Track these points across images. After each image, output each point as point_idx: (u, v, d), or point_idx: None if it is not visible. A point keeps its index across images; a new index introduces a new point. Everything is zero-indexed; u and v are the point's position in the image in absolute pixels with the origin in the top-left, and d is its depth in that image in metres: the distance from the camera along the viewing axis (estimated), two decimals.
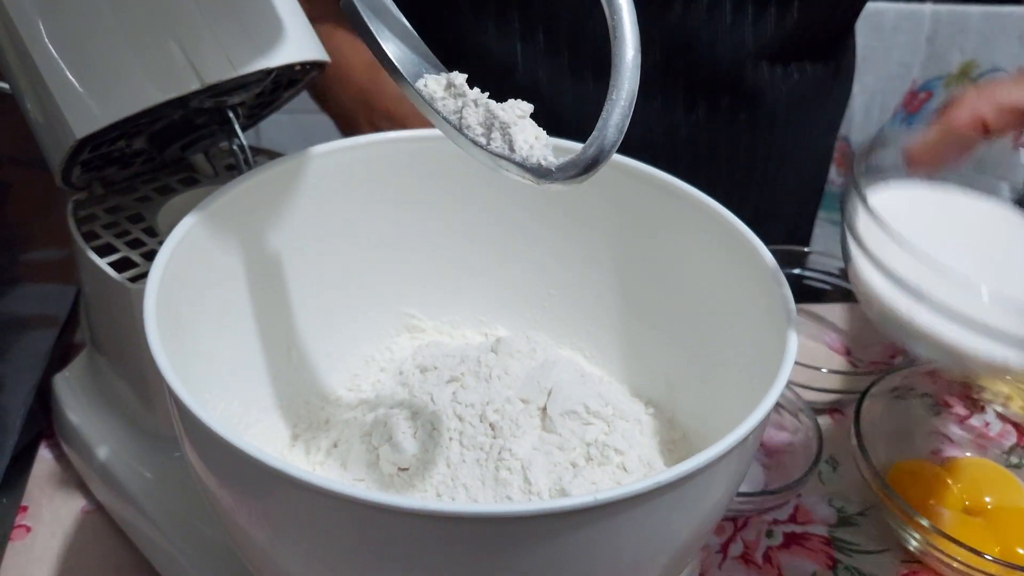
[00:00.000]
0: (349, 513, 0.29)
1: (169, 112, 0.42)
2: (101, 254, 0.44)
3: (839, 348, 0.64)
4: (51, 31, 0.40)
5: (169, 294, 0.35)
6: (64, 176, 0.43)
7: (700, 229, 0.42)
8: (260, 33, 0.42)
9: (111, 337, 0.47)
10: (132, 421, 0.48)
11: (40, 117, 0.42)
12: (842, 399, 0.58)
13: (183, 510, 0.45)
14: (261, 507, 0.31)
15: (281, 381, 0.44)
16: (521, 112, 0.32)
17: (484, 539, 0.29)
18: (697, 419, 0.43)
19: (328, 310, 0.46)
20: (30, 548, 0.47)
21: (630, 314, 0.47)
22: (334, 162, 0.44)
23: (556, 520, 0.28)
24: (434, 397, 0.42)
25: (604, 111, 0.30)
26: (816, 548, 0.50)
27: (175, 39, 0.40)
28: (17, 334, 0.56)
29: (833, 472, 0.54)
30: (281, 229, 0.43)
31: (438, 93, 0.33)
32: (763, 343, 0.37)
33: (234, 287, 0.42)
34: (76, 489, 0.50)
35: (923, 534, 0.47)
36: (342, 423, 0.44)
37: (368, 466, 0.40)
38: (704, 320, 0.43)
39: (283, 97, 0.49)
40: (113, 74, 0.39)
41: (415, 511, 0.27)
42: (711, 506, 0.33)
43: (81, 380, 0.51)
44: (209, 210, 0.39)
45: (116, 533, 0.48)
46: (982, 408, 0.58)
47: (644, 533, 0.31)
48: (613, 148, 0.30)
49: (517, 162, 0.31)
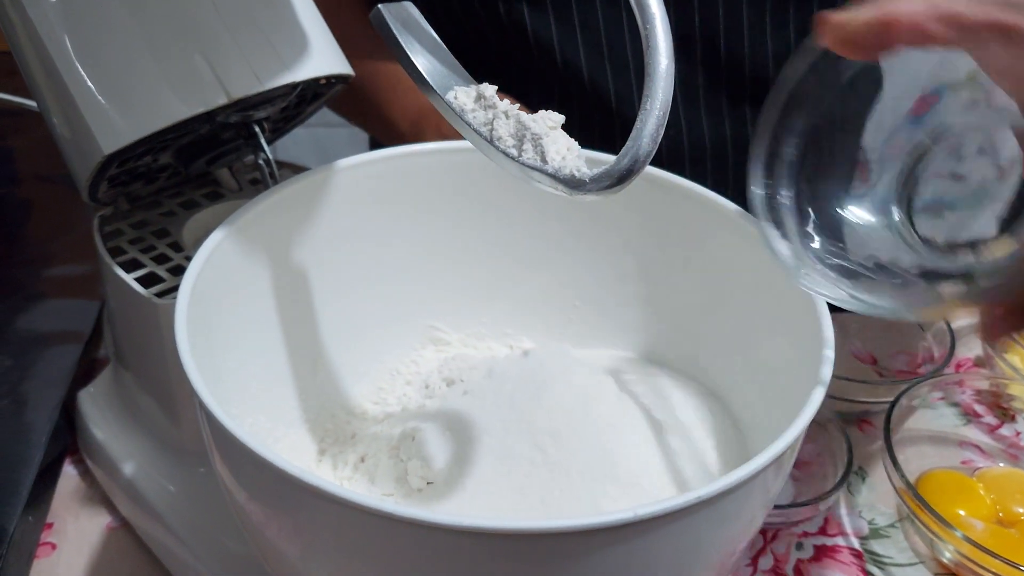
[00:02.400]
0: (380, 528, 0.28)
1: (196, 127, 0.43)
2: (127, 269, 0.44)
3: (866, 358, 0.63)
4: (78, 48, 0.40)
5: (198, 309, 0.35)
6: (91, 192, 0.43)
7: (728, 236, 0.41)
8: (285, 48, 0.42)
9: (136, 352, 0.47)
10: (157, 436, 0.48)
11: (67, 133, 0.42)
12: (870, 409, 0.57)
13: (209, 525, 0.45)
14: (292, 521, 0.31)
15: (307, 395, 0.44)
16: (553, 123, 0.32)
17: (517, 555, 0.29)
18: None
19: (353, 323, 0.46)
20: (55, 565, 0.47)
21: (659, 323, 0.47)
22: (359, 175, 0.44)
23: (591, 537, 0.28)
24: (461, 410, 0.42)
25: (638, 121, 0.30)
26: (847, 561, 0.49)
27: (202, 55, 0.40)
28: (41, 350, 0.56)
29: (863, 483, 0.54)
30: (307, 243, 0.43)
31: (468, 105, 0.33)
32: (800, 350, 0.37)
33: (261, 302, 0.42)
34: (101, 505, 0.50)
35: (957, 545, 0.47)
36: (369, 437, 0.43)
37: (396, 480, 0.40)
38: (738, 331, 0.43)
39: (307, 111, 0.49)
40: (140, 90, 0.40)
41: (447, 527, 0.27)
42: (748, 520, 0.33)
43: (106, 396, 0.51)
44: (236, 225, 0.39)
45: (142, 549, 0.48)
46: (1012, 417, 0.58)
47: (681, 548, 0.30)
48: (648, 158, 0.30)
49: (550, 173, 0.31)
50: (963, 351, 0.64)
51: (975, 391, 0.58)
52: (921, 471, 0.53)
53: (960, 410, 0.58)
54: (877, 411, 0.57)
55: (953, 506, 0.51)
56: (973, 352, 0.64)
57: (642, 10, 0.30)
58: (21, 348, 0.56)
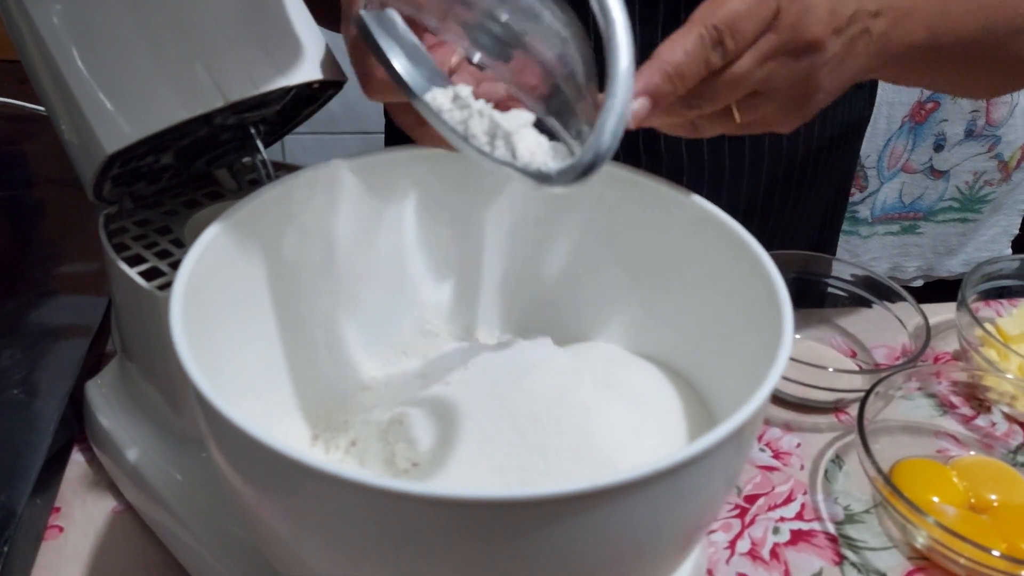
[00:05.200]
0: (362, 500, 0.30)
1: (195, 129, 0.45)
2: (131, 264, 0.46)
3: (845, 351, 0.65)
4: (84, 55, 0.42)
5: (194, 300, 0.37)
6: (96, 191, 0.46)
7: (698, 232, 0.43)
8: (280, 54, 0.44)
9: (141, 344, 0.50)
10: (161, 425, 0.50)
11: (74, 137, 0.44)
12: (847, 398, 0.59)
13: (210, 509, 0.47)
14: (281, 498, 0.33)
15: (301, 384, 0.46)
16: (523, 121, 0.34)
17: (492, 522, 0.30)
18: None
19: (346, 315, 0.48)
20: (62, 547, 0.49)
21: (637, 316, 0.49)
22: (350, 173, 0.46)
23: (558, 505, 0.29)
24: (447, 397, 0.44)
25: (599, 119, 0.32)
26: (823, 545, 0.51)
27: (200, 60, 0.42)
28: (51, 343, 0.58)
29: (839, 471, 0.55)
30: (300, 238, 0.45)
31: (445, 105, 0.35)
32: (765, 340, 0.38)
33: (256, 294, 0.44)
34: (107, 490, 0.52)
35: (929, 531, 0.48)
36: (360, 423, 0.45)
37: (385, 462, 0.42)
38: (710, 323, 0.45)
39: (303, 114, 0.51)
40: (142, 93, 0.42)
41: (428, 497, 0.29)
42: (711, 492, 0.34)
43: (112, 386, 0.53)
44: (231, 220, 0.41)
45: (145, 532, 0.50)
46: (988, 408, 0.59)
47: (642, 519, 0.32)
48: (609, 153, 0.32)
49: (519, 168, 0.33)
50: (941, 345, 0.66)
51: (951, 382, 0.59)
52: (897, 459, 0.54)
53: (936, 401, 0.59)
54: (854, 400, 0.59)
55: (927, 493, 0.52)
56: (951, 347, 0.66)
57: (604, 12, 0.32)
58: (32, 341, 0.58)
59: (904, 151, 0.76)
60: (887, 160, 0.75)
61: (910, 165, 0.75)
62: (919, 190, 0.77)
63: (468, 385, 0.45)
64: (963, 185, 0.77)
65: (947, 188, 0.77)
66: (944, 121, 0.74)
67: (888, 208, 0.78)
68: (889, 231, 0.79)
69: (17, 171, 0.83)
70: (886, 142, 0.75)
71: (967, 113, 0.74)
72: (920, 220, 0.79)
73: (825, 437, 0.58)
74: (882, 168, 0.75)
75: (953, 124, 0.74)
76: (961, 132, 0.74)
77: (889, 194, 0.76)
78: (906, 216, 0.79)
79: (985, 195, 0.78)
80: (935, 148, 0.75)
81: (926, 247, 0.81)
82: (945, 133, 0.74)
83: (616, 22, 0.31)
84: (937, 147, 0.75)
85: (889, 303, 0.64)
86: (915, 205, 0.78)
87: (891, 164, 0.76)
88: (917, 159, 0.75)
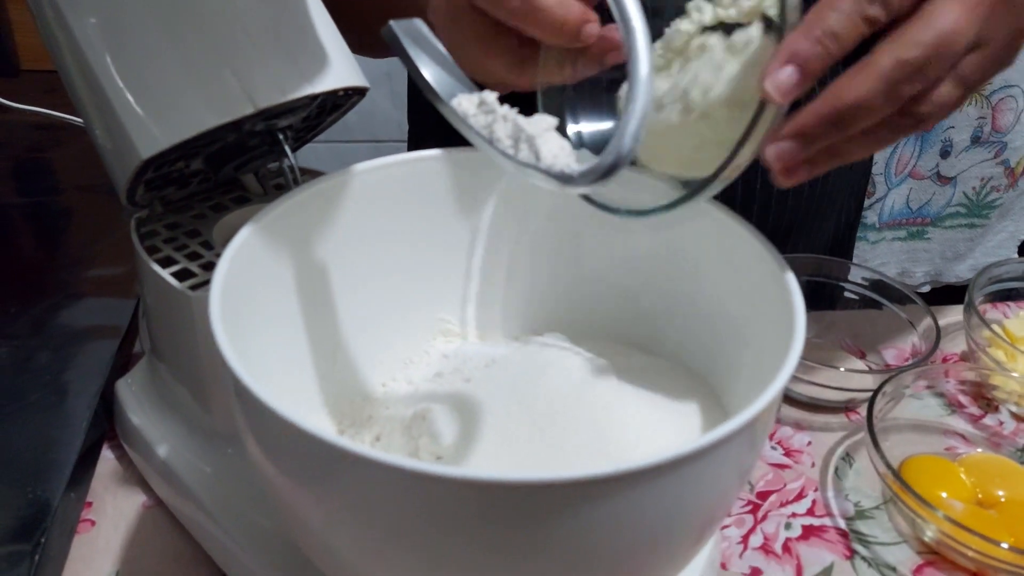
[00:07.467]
0: (396, 483, 0.31)
1: (224, 135, 0.46)
2: (162, 266, 0.47)
3: (855, 352, 0.66)
4: (119, 65, 0.44)
5: (227, 299, 0.39)
6: (129, 195, 0.47)
7: (710, 230, 0.45)
8: (307, 62, 0.46)
9: (171, 343, 0.51)
10: (189, 421, 0.51)
11: (108, 143, 0.46)
12: (857, 397, 0.60)
13: (239, 503, 0.48)
14: (316, 484, 0.34)
15: (327, 381, 0.48)
16: (546, 125, 0.36)
17: (514, 504, 0.31)
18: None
19: (369, 315, 0.49)
20: (94, 540, 0.51)
21: (652, 314, 0.50)
22: (373, 177, 0.47)
23: (579, 489, 0.30)
24: (468, 394, 0.45)
25: (621, 122, 0.33)
26: (834, 540, 0.52)
27: (230, 69, 0.44)
28: (82, 344, 0.60)
29: (850, 468, 0.57)
30: (326, 240, 0.47)
31: (471, 110, 0.37)
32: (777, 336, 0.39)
33: (284, 293, 0.45)
34: (137, 486, 0.54)
35: (939, 524, 0.49)
36: (383, 418, 0.47)
37: (408, 455, 0.44)
38: (724, 321, 0.46)
39: (327, 121, 0.53)
40: (174, 101, 0.43)
41: (459, 479, 0.30)
42: (725, 483, 0.36)
43: (142, 385, 0.55)
44: (262, 223, 0.43)
45: (175, 526, 0.51)
46: (996, 407, 0.61)
47: (661, 505, 0.34)
48: (629, 156, 0.33)
49: (543, 170, 0.35)
50: (949, 346, 0.67)
51: (959, 381, 0.60)
52: (906, 456, 0.56)
53: (945, 400, 0.61)
54: (864, 400, 0.60)
55: (935, 488, 0.53)
56: (959, 348, 0.67)
57: (624, 21, 0.33)
58: (63, 342, 0.60)
59: (911, 157, 0.77)
60: (894, 166, 0.76)
61: (917, 171, 0.76)
62: (926, 196, 0.78)
63: (487, 383, 0.46)
64: (970, 191, 0.79)
65: (954, 194, 0.78)
66: (951, 128, 0.75)
67: (896, 214, 0.79)
68: (897, 236, 0.80)
69: (45, 178, 0.85)
70: (893, 148, 0.76)
71: (973, 120, 0.75)
72: (928, 226, 0.80)
73: (836, 435, 0.59)
74: (889, 174, 0.76)
75: (960, 131, 0.75)
76: (967, 139, 0.76)
77: (896, 200, 0.77)
78: (914, 222, 0.80)
79: (992, 201, 0.80)
80: (942, 154, 0.76)
81: (934, 252, 0.81)
82: (952, 139, 0.75)
83: (636, 30, 0.33)
84: (944, 153, 0.76)
85: (900, 305, 0.65)
86: (923, 211, 0.80)
87: (898, 170, 0.77)
88: (924, 165, 0.76)
